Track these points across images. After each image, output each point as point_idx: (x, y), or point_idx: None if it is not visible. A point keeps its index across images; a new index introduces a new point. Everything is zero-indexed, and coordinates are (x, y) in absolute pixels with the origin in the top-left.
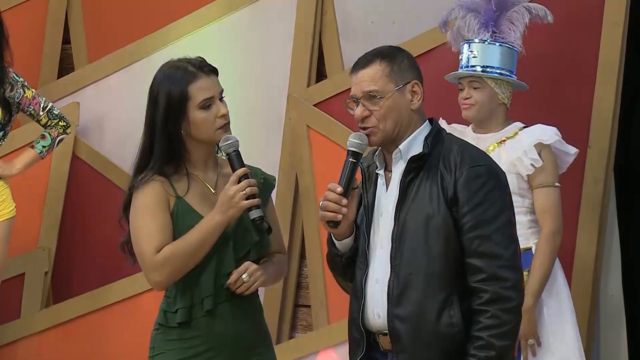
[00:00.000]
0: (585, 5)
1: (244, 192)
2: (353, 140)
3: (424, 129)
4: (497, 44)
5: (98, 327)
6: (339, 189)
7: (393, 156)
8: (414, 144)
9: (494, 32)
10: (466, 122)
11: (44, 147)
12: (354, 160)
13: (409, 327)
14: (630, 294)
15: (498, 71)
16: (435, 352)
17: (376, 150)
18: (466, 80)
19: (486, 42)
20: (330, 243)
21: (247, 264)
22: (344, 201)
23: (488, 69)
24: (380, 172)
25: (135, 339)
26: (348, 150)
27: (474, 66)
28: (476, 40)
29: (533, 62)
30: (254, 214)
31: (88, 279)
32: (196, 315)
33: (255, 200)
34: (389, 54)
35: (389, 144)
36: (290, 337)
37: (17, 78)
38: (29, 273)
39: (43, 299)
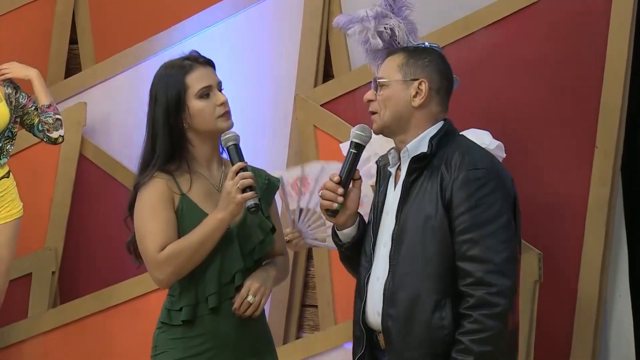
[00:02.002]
0: (591, 5)
1: (238, 185)
2: (356, 131)
3: (434, 129)
4: None
5: (105, 327)
6: (336, 178)
7: (401, 155)
8: (421, 144)
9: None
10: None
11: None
12: (355, 152)
13: (399, 327)
14: (637, 294)
15: None
16: (423, 353)
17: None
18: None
19: None
20: (333, 233)
21: (247, 285)
22: (340, 190)
23: None
24: (392, 170)
25: (141, 339)
26: (351, 142)
27: None
28: None
29: (540, 62)
30: (249, 202)
31: (95, 279)
32: (200, 313)
33: (251, 193)
34: (415, 50)
35: (391, 135)
36: (297, 337)
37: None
38: (36, 273)
39: (50, 299)
